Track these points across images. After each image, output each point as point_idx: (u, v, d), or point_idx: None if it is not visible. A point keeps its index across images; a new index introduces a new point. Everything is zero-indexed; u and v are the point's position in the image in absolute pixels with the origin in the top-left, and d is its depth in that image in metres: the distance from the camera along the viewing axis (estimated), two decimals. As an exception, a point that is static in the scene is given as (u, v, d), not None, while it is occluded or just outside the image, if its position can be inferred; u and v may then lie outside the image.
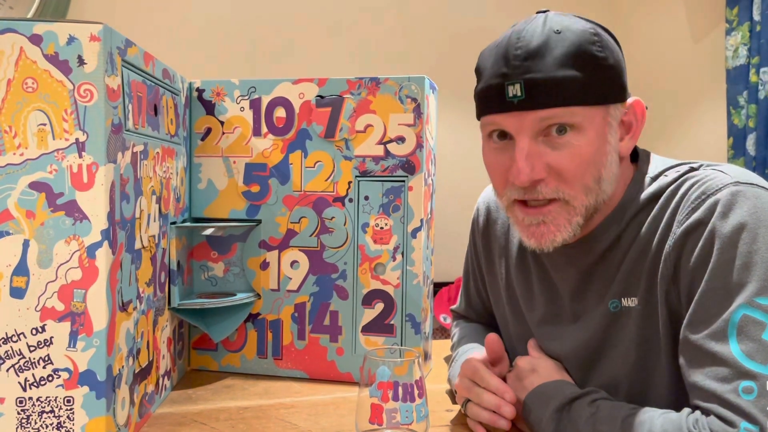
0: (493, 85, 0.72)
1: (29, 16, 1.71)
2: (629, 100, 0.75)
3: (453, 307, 1.11)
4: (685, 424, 0.63)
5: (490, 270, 0.97)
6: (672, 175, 0.74)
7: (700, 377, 0.64)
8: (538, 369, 0.80)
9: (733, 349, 0.63)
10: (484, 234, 0.97)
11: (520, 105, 0.70)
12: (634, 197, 0.76)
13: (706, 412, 0.63)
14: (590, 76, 0.70)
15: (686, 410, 0.65)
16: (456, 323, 1.08)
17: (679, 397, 0.69)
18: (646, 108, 0.78)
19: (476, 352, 0.91)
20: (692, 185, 0.71)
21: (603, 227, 0.78)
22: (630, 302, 0.74)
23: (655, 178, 0.76)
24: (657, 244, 0.72)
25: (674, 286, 0.70)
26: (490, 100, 0.74)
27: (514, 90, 0.70)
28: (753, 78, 2.39)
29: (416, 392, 0.68)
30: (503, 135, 0.75)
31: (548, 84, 0.69)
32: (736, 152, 2.47)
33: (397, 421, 0.67)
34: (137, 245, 0.78)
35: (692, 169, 0.74)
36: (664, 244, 0.71)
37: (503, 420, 0.78)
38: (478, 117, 0.78)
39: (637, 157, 0.80)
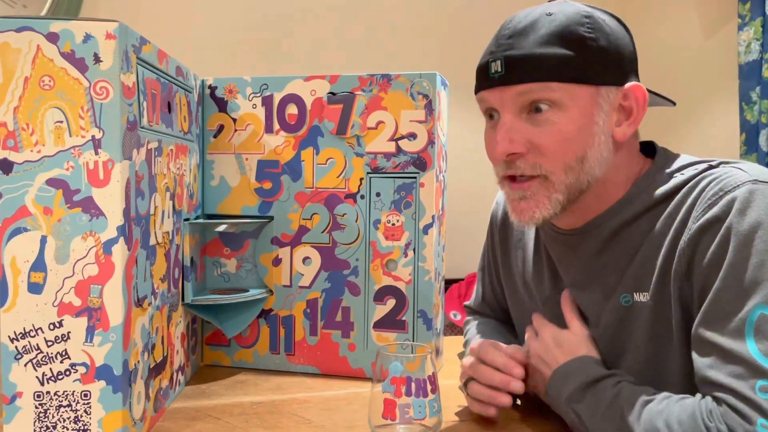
0: (482, 63, 0.77)
1: (43, 14, 1.72)
2: (628, 85, 0.75)
3: (466, 303, 1.11)
4: (699, 414, 0.63)
5: (505, 263, 0.97)
6: (689, 172, 0.74)
7: (715, 373, 0.64)
8: (563, 343, 0.79)
9: (750, 347, 0.62)
10: (502, 227, 0.98)
11: (501, 80, 0.74)
12: (645, 190, 0.76)
13: (719, 402, 0.63)
14: (575, 55, 0.72)
15: (698, 396, 0.65)
16: (468, 320, 1.08)
17: (691, 392, 0.69)
18: (651, 93, 0.77)
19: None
20: (710, 182, 0.71)
21: (605, 216, 0.78)
22: (642, 297, 0.74)
23: (671, 175, 0.75)
24: (671, 240, 0.71)
25: (687, 282, 0.70)
26: (479, 77, 0.78)
27: (496, 66, 0.74)
28: (766, 73, 2.37)
29: (429, 387, 0.68)
30: (493, 115, 0.78)
31: (526, 60, 0.72)
32: (749, 148, 2.45)
33: (410, 416, 0.68)
34: (152, 241, 0.79)
35: (710, 167, 0.73)
36: (679, 240, 0.70)
37: (505, 397, 0.78)
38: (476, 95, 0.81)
39: (654, 153, 0.80)
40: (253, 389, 0.94)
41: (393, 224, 0.98)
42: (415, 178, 0.97)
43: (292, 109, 1.01)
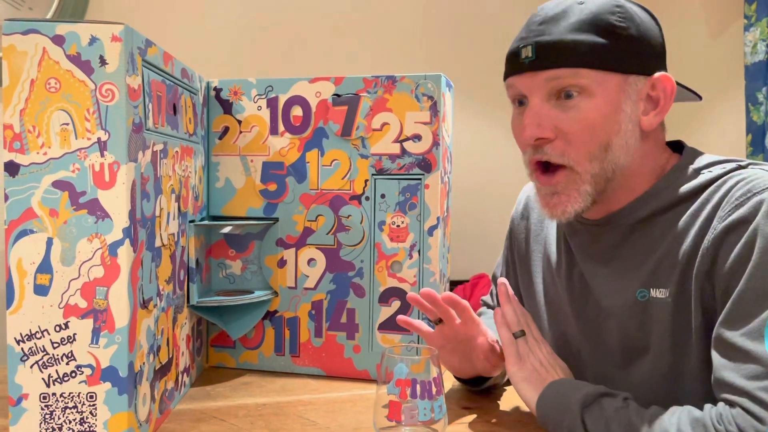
0: (513, 50, 0.78)
1: (49, 16, 1.73)
2: (656, 75, 0.75)
3: (483, 297, 1.12)
4: (709, 419, 0.63)
5: (522, 260, 0.97)
6: (717, 170, 0.74)
7: (731, 373, 0.64)
8: (564, 371, 0.80)
9: None
10: (520, 223, 0.99)
11: (531, 65, 0.75)
12: (671, 185, 0.76)
13: (732, 404, 0.63)
14: (604, 42, 0.73)
15: (708, 406, 0.65)
16: (481, 311, 1.08)
17: (709, 391, 0.69)
18: (688, 87, 0.77)
19: None
20: (737, 182, 0.71)
21: (629, 208, 0.78)
22: (659, 293, 0.74)
23: (699, 171, 0.76)
24: (694, 238, 0.71)
25: (709, 282, 0.70)
26: (509, 63, 0.79)
27: (527, 52, 0.75)
28: (772, 74, 2.35)
29: (434, 389, 0.68)
30: (523, 101, 0.79)
31: (557, 46, 0.73)
32: (755, 149, 2.44)
33: (415, 418, 0.67)
34: (157, 243, 0.79)
35: (739, 167, 0.74)
36: (703, 238, 0.70)
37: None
38: (504, 81, 0.82)
39: (682, 150, 0.81)
40: (258, 391, 0.94)
41: (398, 226, 0.98)
42: (420, 179, 0.97)
43: (297, 111, 1.01)
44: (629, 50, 0.74)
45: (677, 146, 0.82)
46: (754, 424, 0.61)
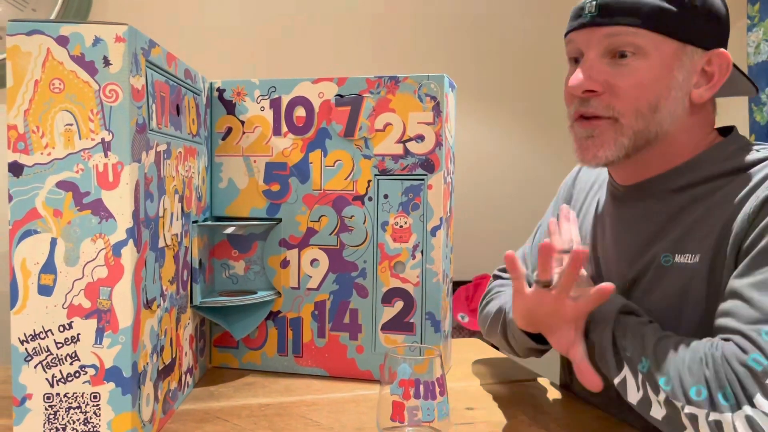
0: (577, 7, 0.80)
1: (52, 17, 1.73)
2: (715, 50, 0.77)
3: (496, 271, 1.13)
4: (702, 347, 0.68)
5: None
6: (765, 152, 0.76)
7: (730, 319, 0.67)
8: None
9: None
10: (569, 190, 1.03)
11: (592, 21, 0.77)
12: (713, 159, 0.78)
13: (726, 340, 0.67)
14: (668, 8, 0.75)
15: (705, 339, 0.69)
16: (493, 285, 1.09)
17: None
18: (733, 65, 0.79)
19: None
20: None
21: (667, 176, 0.80)
22: (685, 259, 0.76)
23: (745, 150, 0.78)
24: (735, 209, 0.73)
25: (740, 250, 0.71)
26: (572, 18, 0.81)
27: (590, 7, 0.78)
28: (775, 74, 2.35)
29: (437, 390, 0.68)
30: (578, 59, 0.81)
31: (620, 4, 0.76)
32: (758, 149, 2.43)
33: (418, 419, 0.67)
34: (161, 243, 0.79)
35: None
36: (741, 209, 0.72)
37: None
38: (565, 38, 0.84)
39: (728, 133, 0.83)
40: (261, 391, 0.94)
41: (401, 226, 0.98)
42: (422, 180, 0.97)
43: (300, 112, 1.01)
44: (691, 20, 0.75)
45: (727, 132, 0.84)
46: (736, 353, 0.64)
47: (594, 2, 0.78)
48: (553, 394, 0.96)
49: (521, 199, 2.16)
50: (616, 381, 0.73)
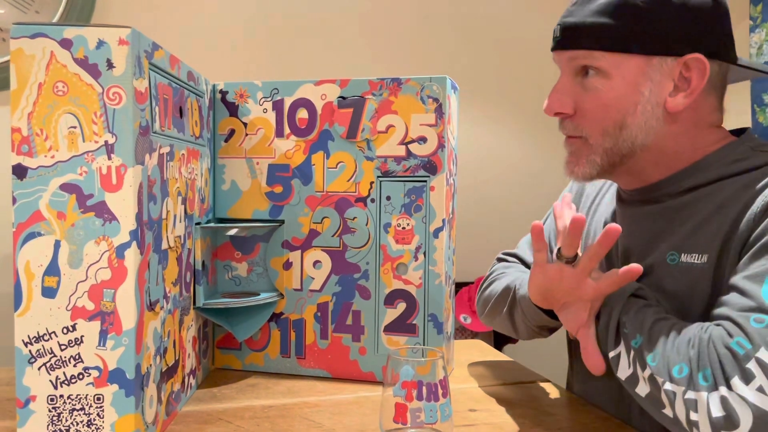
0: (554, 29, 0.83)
1: (55, 19, 1.74)
2: (689, 56, 0.75)
3: (502, 253, 1.14)
4: (693, 329, 0.68)
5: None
6: None
7: (724, 308, 0.68)
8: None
9: (763, 289, 0.66)
10: (579, 191, 1.05)
11: (558, 45, 0.81)
12: (722, 161, 0.78)
13: (717, 326, 0.67)
14: (625, 25, 0.75)
15: (698, 323, 0.70)
16: (496, 267, 1.09)
17: None
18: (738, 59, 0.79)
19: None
20: None
21: (672, 179, 0.81)
22: (691, 258, 0.76)
23: (757, 151, 0.78)
24: (742, 209, 0.73)
25: (744, 248, 0.72)
26: (552, 39, 0.84)
27: (557, 31, 0.81)
28: (778, 75, 2.35)
29: (440, 392, 0.68)
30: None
31: (576, 28, 0.78)
32: (761, 150, 2.43)
33: (421, 421, 0.67)
34: (164, 245, 0.80)
35: None
36: (746, 211, 0.72)
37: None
38: None
39: (739, 133, 0.83)
40: (264, 393, 0.94)
41: (403, 228, 0.98)
42: (425, 181, 0.97)
43: (302, 114, 1.01)
44: (652, 32, 0.75)
45: (740, 133, 0.84)
46: (722, 336, 0.65)
47: (559, 26, 0.80)
48: (556, 395, 0.96)
49: (523, 201, 2.16)
50: (611, 354, 0.74)
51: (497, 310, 0.99)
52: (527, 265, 1.05)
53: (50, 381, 0.69)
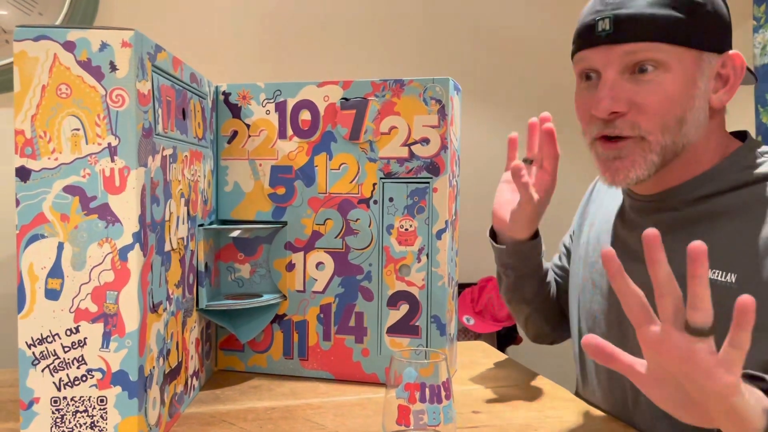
0: (587, 23, 0.77)
1: (58, 22, 1.74)
2: (728, 52, 0.77)
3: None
4: None
5: (579, 233, 1.00)
6: None
7: None
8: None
9: None
10: (589, 201, 1.02)
11: (608, 38, 0.74)
12: (734, 167, 0.76)
13: None
14: (683, 17, 0.73)
15: None
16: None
17: None
18: (747, 68, 0.78)
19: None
20: None
21: (689, 185, 0.78)
22: (714, 275, 0.72)
23: (764, 155, 0.77)
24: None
25: None
26: (581, 36, 0.78)
27: (604, 24, 0.75)
28: (782, 75, 2.34)
29: (443, 394, 0.68)
30: (591, 75, 0.79)
31: (637, 19, 0.73)
32: (765, 151, 2.42)
33: (424, 423, 0.67)
34: (167, 247, 0.80)
35: None
36: None
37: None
38: (572, 57, 0.82)
39: (745, 138, 0.82)
40: (267, 394, 0.94)
41: (406, 229, 0.98)
42: (428, 183, 0.97)
43: (305, 115, 1.01)
44: (706, 26, 0.74)
45: (740, 136, 0.83)
46: None
47: (607, 19, 0.74)
48: (561, 398, 0.96)
49: (526, 201, 2.16)
50: None
51: (501, 283, 1.00)
52: None
53: (53, 383, 0.70)
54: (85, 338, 0.69)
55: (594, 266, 0.92)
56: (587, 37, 0.77)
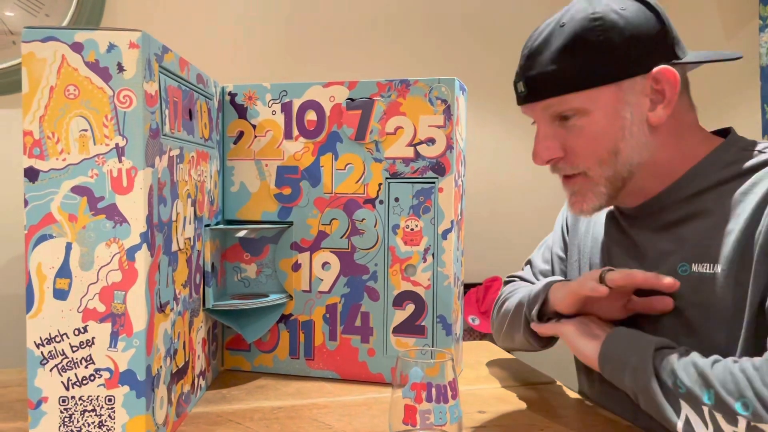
0: (514, 82, 0.84)
1: (65, 23, 1.75)
2: (655, 69, 0.76)
3: (507, 276, 1.14)
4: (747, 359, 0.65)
5: (572, 241, 1.01)
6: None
7: None
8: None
9: None
10: (572, 217, 1.04)
11: (526, 98, 0.82)
12: (717, 163, 0.77)
13: None
14: (586, 62, 0.75)
15: None
16: (504, 286, 1.09)
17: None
18: (680, 75, 0.77)
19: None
20: None
21: (670, 190, 0.80)
22: (702, 268, 0.74)
23: (748, 151, 0.77)
24: (753, 215, 0.71)
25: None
26: (516, 94, 0.85)
27: (521, 87, 0.82)
28: (788, 75, 2.33)
29: (449, 393, 0.68)
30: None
31: (541, 79, 0.78)
32: (771, 150, 2.41)
33: (430, 422, 0.67)
34: (174, 247, 0.80)
35: None
36: (758, 219, 0.70)
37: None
38: None
39: (725, 134, 0.83)
40: (274, 394, 0.95)
41: (412, 229, 0.98)
42: (433, 183, 0.97)
43: (311, 116, 1.01)
44: (617, 57, 0.75)
45: (724, 133, 0.84)
46: None
47: (521, 81, 0.81)
48: (566, 397, 0.96)
49: (531, 202, 2.16)
50: (680, 425, 0.67)
51: (514, 327, 0.97)
52: None
53: (62, 382, 0.70)
54: (93, 338, 0.70)
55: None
56: (516, 94, 0.84)
